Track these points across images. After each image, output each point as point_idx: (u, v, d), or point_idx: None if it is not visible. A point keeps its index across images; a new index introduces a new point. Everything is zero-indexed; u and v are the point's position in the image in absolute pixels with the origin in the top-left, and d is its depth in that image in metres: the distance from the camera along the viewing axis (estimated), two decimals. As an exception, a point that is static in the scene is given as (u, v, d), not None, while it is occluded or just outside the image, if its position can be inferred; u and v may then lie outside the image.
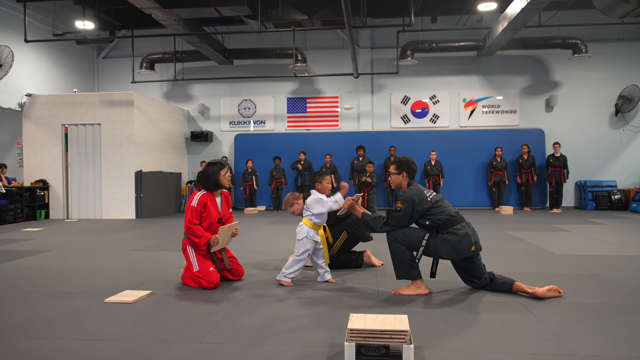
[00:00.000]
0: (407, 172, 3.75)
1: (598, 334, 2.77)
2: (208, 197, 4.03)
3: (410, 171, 3.76)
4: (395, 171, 3.78)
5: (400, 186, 3.78)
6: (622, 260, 5.00)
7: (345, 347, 2.34)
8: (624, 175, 12.16)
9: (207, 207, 3.99)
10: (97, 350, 2.61)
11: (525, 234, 7.09)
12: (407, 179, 3.76)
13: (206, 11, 9.76)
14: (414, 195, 3.59)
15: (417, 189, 3.66)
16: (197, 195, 4.01)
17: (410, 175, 3.76)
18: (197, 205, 3.94)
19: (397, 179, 3.78)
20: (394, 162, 3.81)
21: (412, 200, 3.57)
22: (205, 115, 13.45)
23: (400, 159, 3.80)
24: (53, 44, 12.05)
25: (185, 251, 4.04)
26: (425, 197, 3.60)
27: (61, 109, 10.59)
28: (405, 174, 3.75)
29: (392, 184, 3.83)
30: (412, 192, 3.61)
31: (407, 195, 3.61)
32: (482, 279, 3.70)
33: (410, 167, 3.76)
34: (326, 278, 4.13)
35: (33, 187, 10.19)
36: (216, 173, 4.03)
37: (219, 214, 4.09)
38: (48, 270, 4.78)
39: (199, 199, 3.97)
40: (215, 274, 3.93)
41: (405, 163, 3.76)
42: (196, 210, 3.93)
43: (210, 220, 4.00)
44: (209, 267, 3.93)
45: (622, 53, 12.19)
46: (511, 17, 9.39)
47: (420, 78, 12.84)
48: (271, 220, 9.69)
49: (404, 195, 3.65)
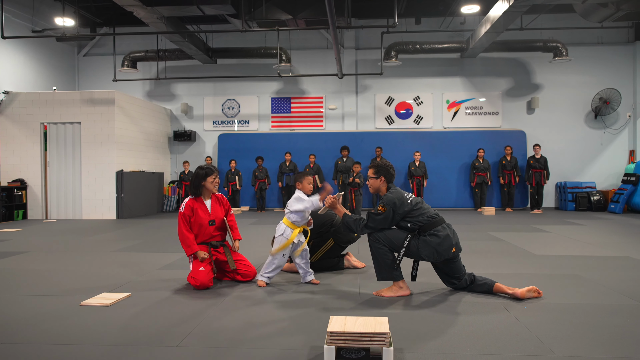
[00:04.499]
0: (385, 177, 3.76)
1: (576, 335, 2.79)
2: (195, 202, 4.10)
3: (388, 175, 3.76)
4: (374, 175, 3.78)
5: (379, 190, 3.79)
6: (600, 260, 5.07)
7: (325, 350, 2.32)
8: (602, 176, 12.37)
9: (194, 211, 4.07)
10: (71, 355, 2.55)
11: (506, 234, 7.16)
12: (386, 183, 3.77)
13: (189, 9, 9.67)
14: (395, 199, 3.59)
15: (398, 192, 3.67)
16: (184, 201, 4.12)
17: (388, 180, 3.77)
18: (185, 210, 4.06)
19: (375, 183, 3.79)
20: (372, 166, 3.82)
21: (393, 203, 3.58)
22: (189, 114, 13.32)
23: (378, 164, 3.81)
24: (32, 41, 11.82)
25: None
26: (405, 200, 3.62)
27: (40, 107, 10.38)
28: (383, 179, 3.76)
29: (371, 188, 3.84)
30: (393, 196, 3.62)
31: (388, 198, 3.62)
32: (462, 280, 3.71)
33: (388, 171, 3.77)
34: (308, 279, 4.10)
35: (10, 187, 9.97)
36: (201, 178, 4.12)
37: (209, 216, 4.13)
38: (24, 272, 4.67)
39: (186, 204, 4.09)
40: (203, 275, 3.88)
41: (383, 167, 3.77)
42: (184, 215, 4.04)
43: (200, 223, 4.07)
44: (199, 267, 3.94)
45: (602, 56, 12.41)
46: (494, 20, 9.49)
47: (404, 79, 12.90)
48: (255, 220, 9.63)
49: (384, 198, 3.65)
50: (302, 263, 4.10)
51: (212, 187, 4.15)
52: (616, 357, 2.48)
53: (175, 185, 12.51)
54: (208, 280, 3.90)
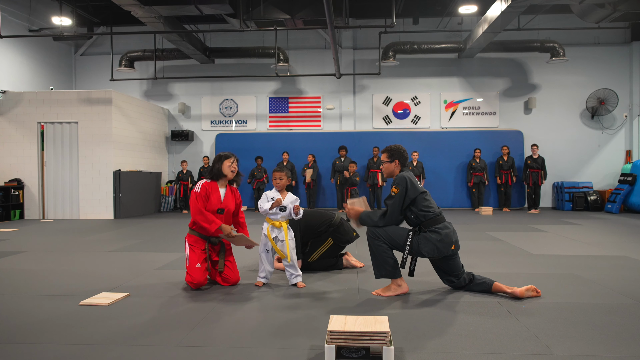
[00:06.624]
0: (399, 160, 3.74)
1: (576, 334, 2.80)
2: (211, 185, 4.01)
3: (402, 159, 3.75)
4: (387, 159, 3.75)
5: (392, 174, 3.76)
6: (598, 260, 5.09)
7: (325, 349, 2.32)
8: (599, 176, 12.42)
9: (208, 195, 3.95)
10: (70, 354, 2.54)
11: (504, 234, 7.18)
12: (399, 166, 3.75)
13: (187, 9, 9.65)
14: (406, 177, 3.58)
15: (409, 172, 3.68)
16: (199, 183, 4.01)
17: (402, 163, 3.75)
18: (201, 191, 3.94)
19: (389, 167, 3.76)
20: (386, 150, 3.78)
21: (405, 181, 3.56)
22: (186, 114, 13.29)
23: (391, 147, 3.77)
24: (29, 40, 11.77)
25: (185, 245, 4.07)
26: (416, 182, 3.62)
27: (37, 107, 10.34)
28: (398, 162, 3.74)
29: (385, 172, 3.81)
30: (405, 174, 3.62)
31: (400, 176, 3.60)
32: (460, 278, 3.72)
33: (402, 154, 3.75)
34: (293, 282, 4.00)
35: (7, 187, 9.92)
36: (219, 161, 4.06)
37: (220, 203, 4.00)
38: (21, 272, 4.65)
39: (202, 185, 3.97)
40: (199, 272, 3.84)
41: (397, 151, 3.75)
42: (200, 195, 3.92)
43: (210, 209, 3.95)
44: (196, 264, 3.86)
45: (598, 57, 12.45)
46: (491, 20, 9.51)
47: (402, 79, 12.92)
48: (252, 220, 9.61)
49: (396, 178, 3.63)
50: (287, 265, 4.00)
51: (229, 170, 4.04)
52: (615, 355, 2.49)
53: (172, 185, 12.48)
54: (204, 279, 3.87)
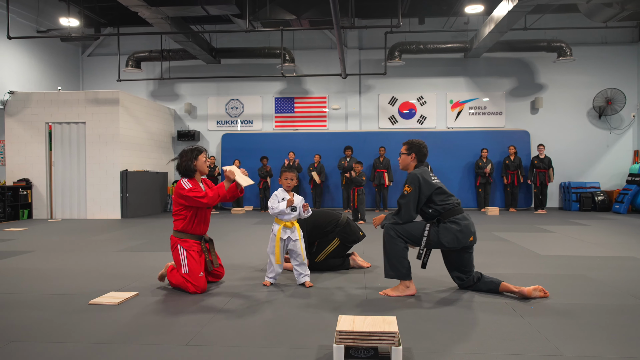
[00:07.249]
0: (416, 154, 3.76)
1: (585, 335, 2.79)
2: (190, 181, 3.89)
3: (420, 154, 3.77)
4: (406, 152, 3.79)
5: (408, 167, 3.79)
6: (606, 260, 5.06)
7: (334, 349, 2.33)
8: (607, 176, 12.35)
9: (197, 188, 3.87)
10: (80, 353, 2.56)
11: (510, 234, 7.16)
12: (416, 161, 3.77)
13: (193, 9, 9.69)
14: (418, 175, 3.59)
15: (423, 169, 3.69)
16: (183, 180, 3.88)
17: (419, 159, 3.77)
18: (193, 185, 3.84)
19: (406, 160, 3.79)
20: (406, 142, 3.82)
21: (417, 179, 3.57)
22: (192, 114, 13.34)
23: (412, 141, 3.81)
24: (37, 41, 11.86)
25: (176, 250, 3.89)
26: (430, 179, 3.62)
27: (45, 107, 10.42)
28: (415, 156, 3.76)
29: (401, 164, 3.84)
30: (416, 172, 3.63)
31: (412, 175, 3.62)
32: (470, 276, 3.72)
33: (420, 149, 3.77)
34: (301, 281, 4.01)
35: (16, 187, 10.00)
36: (192, 158, 3.92)
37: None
38: (31, 272, 4.69)
39: (188, 181, 3.86)
40: (203, 280, 3.81)
41: (416, 145, 3.78)
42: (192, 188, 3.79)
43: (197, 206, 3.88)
44: (199, 272, 3.79)
45: (606, 57, 12.38)
46: (497, 20, 9.48)
47: (408, 79, 12.90)
48: (258, 220, 9.64)
49: (408, 176, 3.64)
50: (295, 265, 4.02)
51: (205, 166, 3.98)
52: (624, 356, 2.49)
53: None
54: (206, 284, 3.86)
